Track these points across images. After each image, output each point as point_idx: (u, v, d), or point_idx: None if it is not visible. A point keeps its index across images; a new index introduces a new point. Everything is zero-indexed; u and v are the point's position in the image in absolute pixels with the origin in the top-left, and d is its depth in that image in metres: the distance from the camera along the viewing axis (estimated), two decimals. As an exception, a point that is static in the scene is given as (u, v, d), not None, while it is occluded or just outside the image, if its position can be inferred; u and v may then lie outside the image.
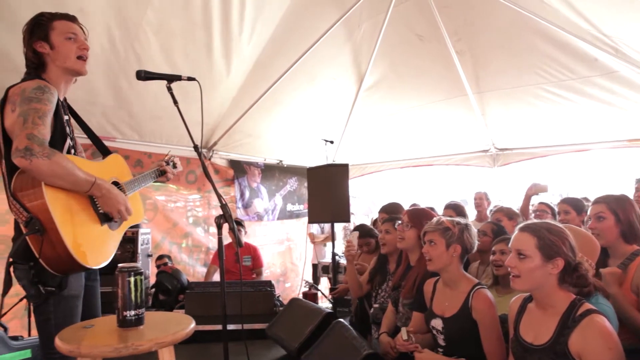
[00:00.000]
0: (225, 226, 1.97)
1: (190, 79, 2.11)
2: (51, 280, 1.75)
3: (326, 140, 5.10)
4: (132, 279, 1.61)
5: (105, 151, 2.22)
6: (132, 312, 1.60)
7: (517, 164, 5.80)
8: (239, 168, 5.99)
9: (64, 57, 1.87)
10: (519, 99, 5.01)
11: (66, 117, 1.95)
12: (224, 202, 1.95)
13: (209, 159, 5.58)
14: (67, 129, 1.93)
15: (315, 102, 5.67)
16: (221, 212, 1.94)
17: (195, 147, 2.06)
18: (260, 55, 4.59)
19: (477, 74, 5.02)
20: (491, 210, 4.49)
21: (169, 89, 2.05)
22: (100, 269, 3.42)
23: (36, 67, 1.86)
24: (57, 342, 1.49)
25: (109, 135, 4.51)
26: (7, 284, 1.75)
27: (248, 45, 4.38)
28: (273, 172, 6.49)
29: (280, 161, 6.54)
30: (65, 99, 2.01)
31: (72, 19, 1.96)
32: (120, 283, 1.60)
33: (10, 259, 1.71)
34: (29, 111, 1.65)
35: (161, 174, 2.42)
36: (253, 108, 5.21)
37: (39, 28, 1.85)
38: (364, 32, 5.03)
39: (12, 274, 1.75)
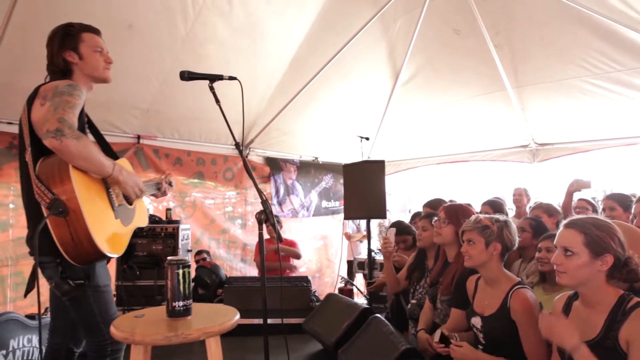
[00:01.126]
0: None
1: (231, 78, 2.17)
2: (80, 273, 1.80)
3: (361, 137, 5.10)
4: (180, 271, 1.67)
5: (114, 157, 2.23)
6: (181, 303, 1.66)
7: (558, 159, 5.60)
8: (275, 165, 6.07)
9: (93, 68, 1.98)
10: (561, 92, 4.84)
11: (85, 119, 2.03)
12: (264, 198, 1.99)
13: (246, 157, 5.69)
14: (86, 129, 2.03)
15: (350, 99, 5.68)
16: (260, 208, 1.98)
17: (237, 145, 2.12)
18: (296, 54, 4.65)
19: (516, 68, 4.89)
20: (530, 207, 4.38)
21: (211, 88, 2.10)
22: (140, 264, 3.55)
23: (63, 72, 1.94)
24: (113, 329, 1.58)
25: (150, 134, 4.68)
26: (30, 287, 1.80)
27: (285, 45, 4.44)
28: (309, 168, 6.55)
29: (316, 158, 6.60)
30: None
31: (97, 32, 2.04)
32: (170, 275, 1.67)
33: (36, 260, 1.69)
34: (61, 102, 1.73)
35: (158, 189, 2.45)
36: (289, 106, 5.28)
37: (69, 38, 1.94)
38: (400, 27, 5.00)
39: (42, 274, 1.75)
